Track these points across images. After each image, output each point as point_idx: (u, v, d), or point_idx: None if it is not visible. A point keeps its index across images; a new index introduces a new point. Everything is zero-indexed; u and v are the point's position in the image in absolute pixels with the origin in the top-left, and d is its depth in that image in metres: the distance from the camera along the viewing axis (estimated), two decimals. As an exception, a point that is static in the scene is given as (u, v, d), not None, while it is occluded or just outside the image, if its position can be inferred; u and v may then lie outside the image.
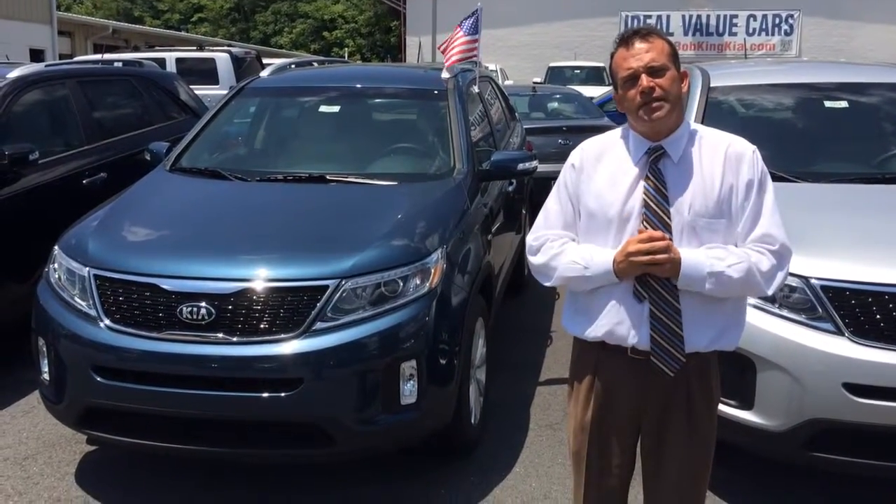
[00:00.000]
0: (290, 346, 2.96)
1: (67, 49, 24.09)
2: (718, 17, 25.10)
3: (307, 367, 2.96)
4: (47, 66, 5.69)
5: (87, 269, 3.25)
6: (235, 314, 3.01)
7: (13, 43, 17.95)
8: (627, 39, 2.01)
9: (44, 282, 3.46)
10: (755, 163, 2.03)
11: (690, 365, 2.00)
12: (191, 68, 12.83)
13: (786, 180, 3.69)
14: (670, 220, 1.96)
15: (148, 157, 4.58)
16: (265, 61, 14.21)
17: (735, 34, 24.96)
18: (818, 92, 4.43)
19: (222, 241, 3.43)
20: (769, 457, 3.17)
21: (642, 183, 1.99)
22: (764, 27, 25.07)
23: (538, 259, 2.11)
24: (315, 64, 6.71)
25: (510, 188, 4.98)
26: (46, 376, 3.28)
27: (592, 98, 11.15)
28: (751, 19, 25.06)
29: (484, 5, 5.64)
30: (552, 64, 21.66)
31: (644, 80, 1.95)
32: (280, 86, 5.16)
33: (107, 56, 10.09)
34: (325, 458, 3.28)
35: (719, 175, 1.99)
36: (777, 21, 24.96)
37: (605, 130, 2.18)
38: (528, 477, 3.43)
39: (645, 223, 1.96)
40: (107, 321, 3.11)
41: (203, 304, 3.01)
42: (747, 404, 2.99)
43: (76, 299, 3.24)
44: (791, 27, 24.92)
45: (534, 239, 2.14)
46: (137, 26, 34.29)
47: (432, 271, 3.22)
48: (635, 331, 1.99)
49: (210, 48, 15.27)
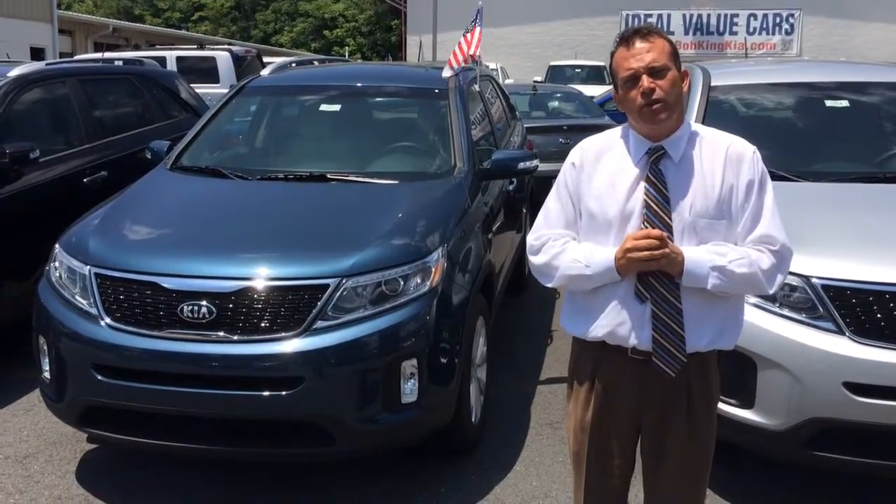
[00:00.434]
0: (291, 345, 2.96)
1: (68, 47, 24.09)
2: (719, 17, 25.11)
3: (308, 366, 2.96)
4: (48, 65, 5.69)
5: (88, 268, 3.25)
6: (236, 313, 3.01)
7: (14, 41, 17.94)
8: (628, 39, 2.00)
9: (44, 280, 3.46)
10: (755, 163, 2.03)
11: (690, 365, 2.00)
12: (191, 67, 12.81)
13: (787, 179, 3.69)
14: (671, 221, 1.96)
15: (149, 156, 4.58)
16: (266, 60, 14.22)
17: (736, 33, 24.97)
18: (819, 91, 4.43)
19: (223, 240, 3.43)
20: (769, 456, 3.17)
21: (643, 183, 1.99)
22: (765, 26, 25.08)
23: (539, 259, 2.10)
24: (316, 63, 6.70)
25: (511, 187, 4.98)
26: (47, 375, 3.28)
27: (593, 97, 11.14)
28: (751, 18, 25.07)
29: (485, 4, 5.63)
30: (553, 63, 21.67)
31: (645, 82, 1.94)
32: (281, 84, 5.16)
33: (107, 55, 10.08)
34: (326, 457, 3.28)
35: (720, 175, 1.99)
36: (778, 20, 24.97)
37: (606, 129, 2.17)
38: (529, 475, 3.43)
39: (646, 223, 1.96)
40: (107, 320, 3.12)
41: (204, 303, 3.01)
42: (748, 403, 2.99)
43: (77, 298, 3.24)
44: (792, 26, 24.92)
45: (535, 238, 2.13)
46: (138, 25, 34.31)
47: (433, 270, 3.22)
48: (637, 331, 1.99)
49: (211, 47, 15.27)
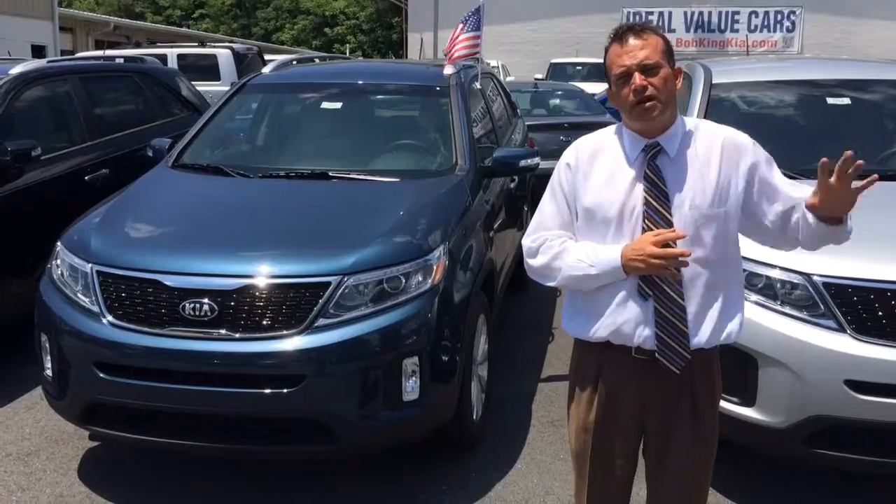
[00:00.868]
0: (293, 343, 2.97)
1: (69, 45, 24.09)
2: (720, 14, 25.07)
3: (309, 364, 2.97)
4: (50, 63, 5.69)
5: (90, 266, 3.25)
6: (238, 310, 3.01)
7: (15, 39, 17.95)
8: (621, 35, 1.99)
9: (46, 278, 3.47)
10: (756, 148, 2.05)
11: (694, 363, 1.99)
12: (192, 64, 12.83)
13: (788, 177, 3.66)
14: (671, 216, 1.96)
15: (150, 154, 4.58)
16: (267, 58, 14.23)
17: (737, 31, 24.92)
18: (820, 89, 4.42)
19: (225, 238, 3.43)
20: (771, 453, 3.18)
21: (641, 180, 1.98)
22: (766, 24, 25.03)
23: (538, 260, 2.09)
24: (317, 60, 6.70)
25: (512, 185, 4.98)
26: (49, 372, 3.28)
27: (594, 94, 11.14)
28: (753, 16, 25.03)
29: (486, 1, 5.63)
30: (554, 60, 21.63)
31: (637, 79, 1.93)
32: (282, 82, 5.16)
33: (108, 52, 10.08)
34: (327, 455, 3.28)
35: (716, 166, 1.99)
36: (779, 18, 24.92)
37: (608, 126, 2.16)
38: (530, 473, 3.44)
39: (646, 221, 1.96)
40: (109, 317, 3.12)
41: (206, 301, 3.01)
42: (749, 401, 2.99)
43: (79, 295, 3.24)
44: (793, 24, 24.88)
45: (532, 241, 2.11)
46: (139, 22, 34.29)
47: (434, 268, 3.22)
48: (640, 330, 1.98)
49: (212, 44, 15.25)
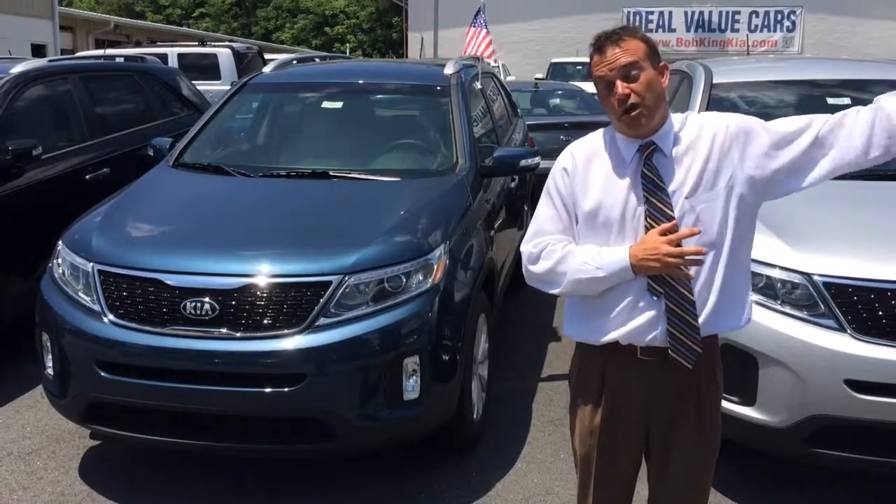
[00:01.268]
0: (293, 342, 2.97)
1: (69, 44, 24.08)
2: (721, 14, 25.06)
3: (310, 363, 2.97)
4: (50, 62, 5.69)
5: (91, 265, 3.26)
6: (239, 309, 3.02)
7: (15, 38, 17.94)
8: (601, 46, 1.97)
9: (47, 277, 3.47)
10: (735, 118, 2.01)
11: (700, 360, 1.99)
12: (192, 64, 12.81)
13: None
14: (673, 213, 1.96)
15: (151, 153, 4.59)
16: (267, 57, 14.22)
17: (737, 30, 24.91)
18: (821, 89, 4.43)
19: (226, 237, 3.44)
20: (771, 453, 3.18)
21: (640, 181, 1.98)
22: (766, 23, 25.02)
23: (540, 266, 2.06)
24: (317, 60, 6.69)
25: (512, 184, 4.99)
26: (50, 371, 3.29)
27: (594, 94, 11.13)
28: (753, 15, 25.02)
29: (486, 1, 5.63)
30: (554, 60, 21.63)
31: (619, 88, 1.92)
32: (283, 82, 5.16)
33: (109, 51, 10.08)
34: (328, 454, 3.29)
35: (705, 151, 1.97)
36: (779, 17, 24.92)
37: (608, 126, 2.16)
38: (530, 472, 3.44)
39: (650, 220, 1.95)
40: (111, 316, 3.12)
41: (207, 300, 3.02)
42: (749, 400, 3.00)
43: (80, 294, 3.25)
44: (793, 23, 24.88)
45: (532, 246, 2.08)
46: (139, 21, 34.29)
47: (435, 267, 3.22)
48: (652, 328, 1.96)
49: (212, 43, 15.23)
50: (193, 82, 7.39)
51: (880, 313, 2.84)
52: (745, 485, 3.31)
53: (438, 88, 4.65)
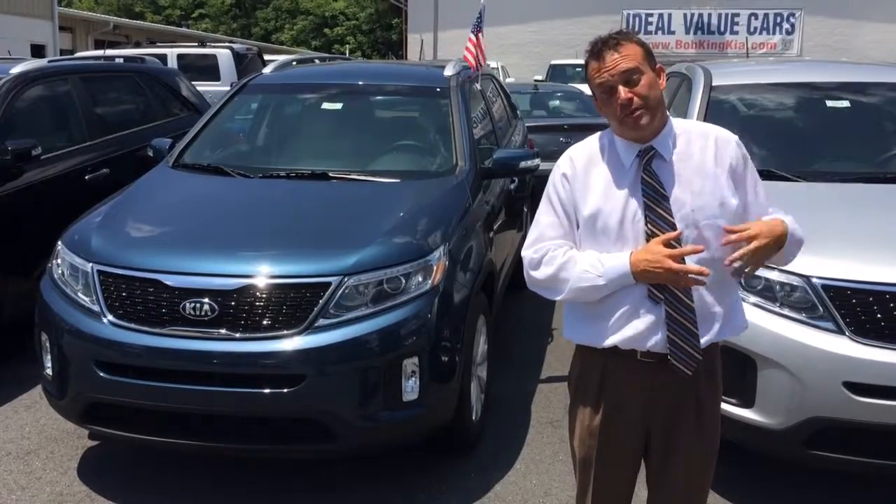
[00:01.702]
0: (293, 343, 2.97)
1: (68, 45, 24.09)
2: (720, 16, 25.08)
3: (309, 364, 2.97)
4: (50, 62, 5.70)
5: (91, 265, 3.26)
6: (238, 310, 3.02)
7: (14, 38, 17.96)
8: (598, 53, 1.97)
9: (47, 277, 3.47)
10: (740, 150, 2.04)
11: (700, 363, 1.99)
12: (192, 64, 12.82)
13: (787, 179, 3.70)
14: (673, 219, 1.96)
15: (150, 154, 4.59)
16: (266, 58, 14.22)
17: (737, 33, 24.93)
18: (820, 91, 4.43)
19: (225, 238, 3.44)
20: (770, 455, 3.18)
21: (639, 186, 1.98)
22: (765, 26, 25.05)
23: (542, 272, 2.04)
24: (317, 61, 6.70)
25: (512, 186, 4.99)
26: (49, 371, 3.29)
27: (592, 94, 11.12)
28: (752, 18, 25.04)
29: (486, 3, 5.63)
30: (554, 62, 21.67)
31: (622, 93, 1.92)
32: (282, 83, 5.16)
33: (108, 52, 10.08)
34: (327, 455, 3.29)
35: (711, 163, 1.99)
36: (779, 20, 24.94)
37: (607, 128, 2.16)
38: (529, 473, 3.44)
39: (650, 226, 1.96)
40: (110, 317, 3.12)
41: (206, 301, 3.02)
42: (748, 402, 3.00)
43: (79, 295, 3.25)
44: (793, 26, 24.90)
45: (533, 251, 2.07)
46: (138, 22, 34.30)
47: (435, 269, 3.23)
48: (652, 334, 1.97)
49: (211, 44, 15.25)
50: (193, 83, 7.39)
51: (879, 316, 2.85)
52: (744, 486, 3.31)
53: (438, 90, 4.66)
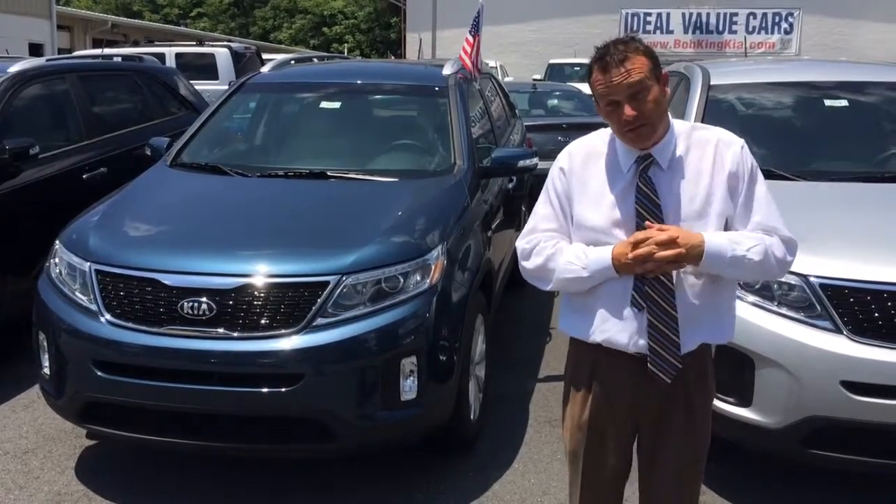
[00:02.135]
0: (291, 342, 2.97)
1: (66, 44, 24.06)
2: (718, 15, 25.09)
3: (307, 363, 2.97)
4: (48, 61, 5.69)
5: (88, 264, 3.25)
6: (236, 309, 3.02)
7: (12, 37, 17.94)
8: (604, 65, 1.94)
9: (44, 276, 3.47)
10: (743, 155, 2.01)
11: (688, 362, 2.00)
12: (190, 63, 12.81)
13: (785, 179, 3.70)
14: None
15: (148, 152, 4.59)
16: (265, 57, 14.22)
17: (735, 32, 24.94)
18: (818, 91, 4.44)
19: (223, 237, 3.44)
20: (767, 453, 3.18)
21: (634, 192, 1.98)
22: (764, 25, 25.06)
23: (532, 262, 2.08)
24: (315, 60, 6.70)
25: (510, 185, 4.99)
26: (47, 371, 3.28)
27: (592, 95, 11.13)
28: (751, 17, 25.05)
29: (485, 2, 5.63)
30: (552, 61, 21.65)
31: (627, 111, 1.91)
32: (281, 81, 5.16)
33: (106, 51, 10.07)
34: (325, 454, 3.29)
35: (708, 172, 1.99)
36: (777, 19, 24.95)
37: (605, 127, 2.16)
38: (527, 473, 3.44)
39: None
40: (108, 316, 3.12)
41: (204, 300, 3.02)
42: (745, 401, 3.00)
43: (77, 294, 3.24)
44: (791, 25, 24.91)
45: (525, 242, 2.11)
46: (136, 21, 34.26)
47: (433, 268, 3.23)
48: (635, 339, 1.99)
49: (209, 43, 15.23)
50: (191, 82, 7.38)
51: (876, 315, 2.85)
52: (742, 485, 3.31)
53: (437, 89, 4.66)
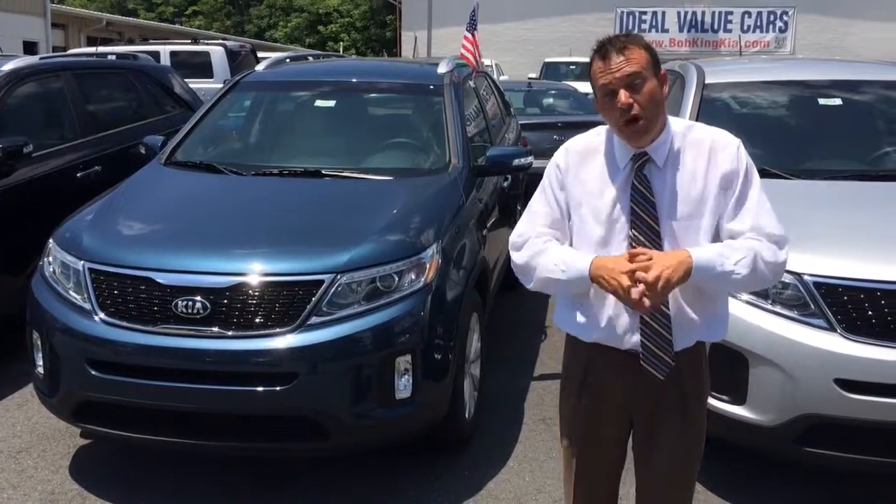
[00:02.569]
0: (285, 341, 2.97)
1: (61, 42, 23.98)
2: (714, 14, 25.15)
3: (302, 362, 2.97)
4: (42, 59, 5.67)
5: (82, 263, 3.24)
6: (230, 308, 3.01)
7: (6, 35, 17.88)
8: (604, 53, 1.95)
9: (38, 275, 3.46)
10: (738, 155, 2.00)
11: (682, 359, 2.01)
12: (185, 62, 12.77)
13: (780, 177, 3.71)
14: (659, 227, 1.96)
15: (143, 151, 4.58)
16: (260, 55, 14.18)
17: (730, 31, 25.01)
18: (812, 89, 4.44)
19: (217, 235, 3.43)
20: (761, 451, 3.19)
21: (629, 190, 1.99)
22: (759, 24, 25.13)
23: (520, 256, 2.10)
24: (310, 58, 6.69)
25: (505, 184, 4.99)
26: (41, 369, 3.28)
27: (587, 94, 11.15)
28: (746, 16, 25.11)
29: (480, 1, 5.63)
30: (547, 59, 21.67)
31: (622, 97, 1.91)
32: (276, 80, 5.15)
33: (101, 49, 10.04)
34: (320, 453, 3.29)
35: (702, 173, 1.98)
36: (772, 18, 25.02)
37: (600, 126, 2.16)
38: (522, 471, 3.45)
39: (634, 231, 1.97)
40: (101, 315, 3.11)
41: (198, 298, 3.01)
42: (740, 399, 3.01)
43: (71, 293, 3.23)
44: (786, 24, 24.99)
45: (517, 236, 2.12)
46: (131, 19, 34.19)
47: (428, 266, 3.22)
48: (628, 336, 2.00)
49: (205, 42, 15.19)
50: (186, 80, 7.37)
51: (870, 313, 2.86)
52: (738, 484, 3.32)
53: (432, 87, 4.65)
